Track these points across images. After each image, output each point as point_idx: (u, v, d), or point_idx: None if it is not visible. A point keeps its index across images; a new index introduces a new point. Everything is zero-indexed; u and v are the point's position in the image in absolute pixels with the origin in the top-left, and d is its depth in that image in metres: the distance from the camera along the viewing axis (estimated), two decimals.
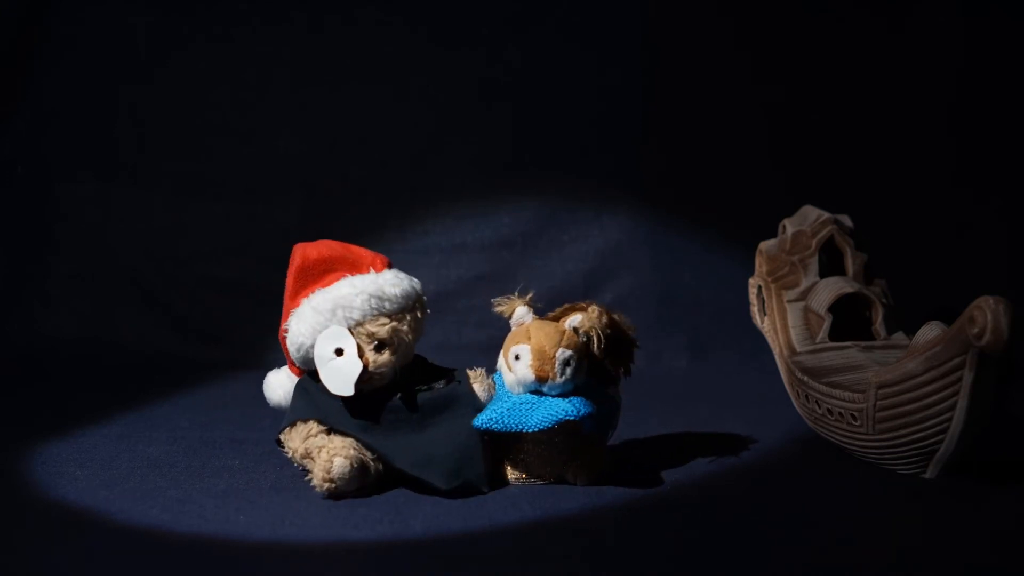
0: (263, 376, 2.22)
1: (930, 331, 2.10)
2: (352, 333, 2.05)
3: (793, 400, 2.41)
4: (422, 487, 2.02)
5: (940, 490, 2.07)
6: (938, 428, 2.03)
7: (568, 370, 2.01)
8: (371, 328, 2.07)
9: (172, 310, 3.23)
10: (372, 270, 2.10)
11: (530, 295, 2.09)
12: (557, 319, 2.07)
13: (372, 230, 3.25)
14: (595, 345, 2.02)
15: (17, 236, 3.30)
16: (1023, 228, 3.06)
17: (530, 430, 2.01)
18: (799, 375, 2.32)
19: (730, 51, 3.22)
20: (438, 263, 3.24)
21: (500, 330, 2.10)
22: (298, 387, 2.12)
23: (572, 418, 1.99)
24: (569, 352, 2.01)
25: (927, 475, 2.11)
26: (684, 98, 3.24)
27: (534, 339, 2.02)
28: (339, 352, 2.05)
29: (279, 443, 2.10)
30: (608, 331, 2.03)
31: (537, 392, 2.02)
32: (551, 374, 2.01)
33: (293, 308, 2.09)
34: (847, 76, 3.19)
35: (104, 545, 1.83)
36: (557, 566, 1.80)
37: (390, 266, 2.14)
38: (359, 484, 2.01)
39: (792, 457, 2.30)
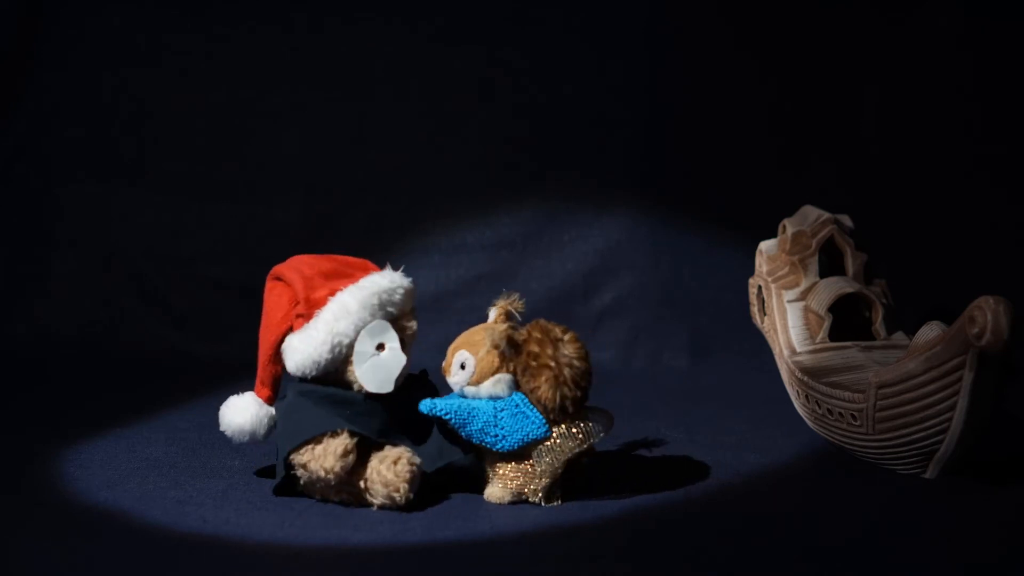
0: None
1: (930, 331, 2.11)
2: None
3: (793, 400, 2.41)
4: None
5: (940, 490, 2.07)
6: (938, 428, 2.03)
7: (462, 373, 2.01)
8: (405, 324, 2.07)
9: (172, 310, 3.23)
10: (388, 268, 2.10)
11: (511, 299, 2.07)
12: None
13: (372, 230, 3.25)
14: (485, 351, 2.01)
15: (17, 236, 3.30)
16: (1023, 228, 3.06)
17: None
18: (799, 375, 2.32)
19: (731, 51, 3.22)
20: (438, 263, 3.24)
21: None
22: (299, 401, 2.04)
23: (439, 414, 1.99)
24: (467, 355, 2.00)
25: (927, 475, 2.11)
26: (685, 98, 3.23)
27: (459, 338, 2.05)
28: (379, 348, 2.04)
29: (288, 467, 2.00)
30: (500, 343, 1.99)
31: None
32: (447, 370, 2.03)
33: (312, 310, 2.04)
34: (848, 76, 3.19)
35: (105, 546, 1.83)
36: (558, 569, 1.80)
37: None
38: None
39: (792, 457, 2.31)
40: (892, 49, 3.15)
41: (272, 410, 2.09)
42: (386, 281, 2.06)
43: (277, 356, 2.08)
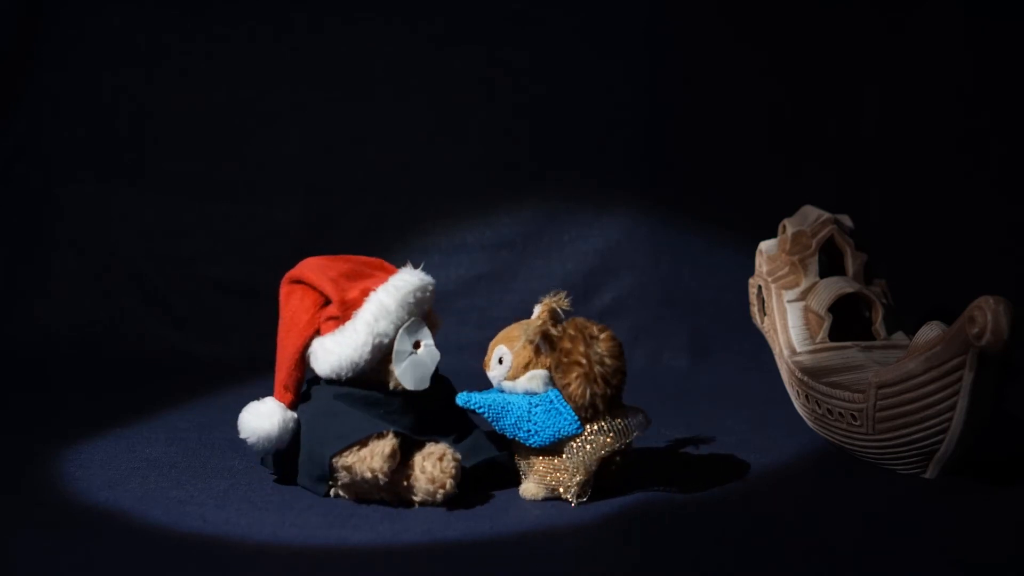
0: (263, 377, 2.21)
1: (930, 331, 2.11)
2: None
3: (793, 400, 2.41)
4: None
5: (940, 490, 2.07)
6: (938, 428, 2.03)
7: (500, 367, 2.03)
8: (434, 319, 2.09)
9: (172, 310, 3.23)
10: (409, 265, 2.11)
11: (557, 297, 2.07)
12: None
13: (372, 230, 3.25)
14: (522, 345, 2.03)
15: (17, 236, 3.30)
16: (1023, 228, 3.06)
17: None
18: (799, 375, 2.32)
19: (731, 51, 3.22)
20: (438, 263, 3.23)
21: (500, 330, 2.10)
22: (334, 404, 2.03)
23: (474, 408, 2.02)
24: (505, 350, 2.03)
25: (927, 475, 2.11)
26: (685, 98, 3.24)
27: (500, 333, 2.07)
28: (415, 346, 2.04)
29: (331, 469, 1.99)
30: (534, 339, 2.00)
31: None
32: (487, 365, 2.05)
33: (348, 312, 2.03)
34: (848, 76, 3.19)
35: (105, 546, 1.83)
36: (558, 569, 1.80)
37: None
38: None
39: (792, 457, 2.30)
40: (892, 49, 3.15)
41: (295, 415, 2.07)
42: (417, 279, 2.07)
43: (302, 361, 2.07)
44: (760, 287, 2.53)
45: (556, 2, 3.26)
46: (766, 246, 2.56)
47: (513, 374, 2.02)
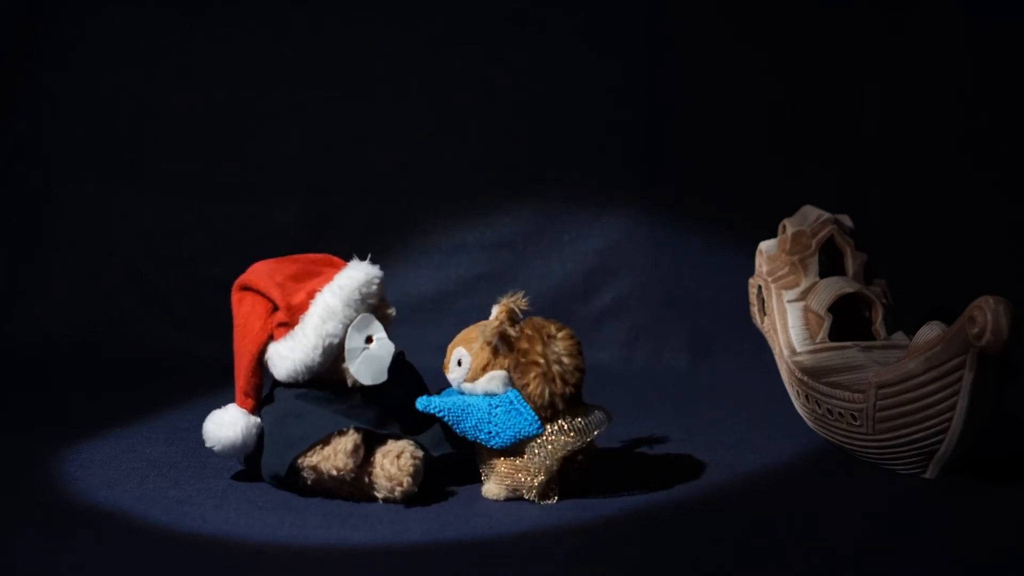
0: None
1: (930, 331, 2.11)
2: None
3: (793, 400, 2.41)
4: None
5: (940, 490, 2.07)
6: (938, 428, 2.03)
7: (459, 369, 2.02)
8: (385, 312, 2.08)
9: (172, 310, 3.23)
10: (355, 259, 2.10)
11: (514, 297, 2.08)
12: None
13: (372, 230, 3.25)
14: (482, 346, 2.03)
15: (17, 236, 3.30)
16: (1023, 228, 3.06)
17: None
18: (799, 375, 2.32)
19: (731, 51, 3.22)
20: (438, 263, 3.24)
21: None
22: (295, 405, 2.04)
23: (434, 412, 2.01)
24: (463, 352, 2.02)
25: (927, 475, 2.11)
26: (685, 98, 3.24)
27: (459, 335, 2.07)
28: (368, 340, 2.04)
29: (293, 469, 1.99)
30: (492, 340, 2.00)
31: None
32: (446, 367, 2.05)
33: (295, 316, 2.04)
34: (848, 76, 3.19)
35: (105, 546, 1.83)
36: (558, 569, 1.80)
37: None
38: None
39: (792, 457, 2.31)
40: (892, 49, 3.15)
41: (258, 420, 2.08)
42: (362, 274, 2.07)
43: (259, 367, 2.08)
44: (760, 287, 2.53)
45: (556, 2, 3.26)
46: (766, 246, 2.56)
47: (472, 376, 2.02)
